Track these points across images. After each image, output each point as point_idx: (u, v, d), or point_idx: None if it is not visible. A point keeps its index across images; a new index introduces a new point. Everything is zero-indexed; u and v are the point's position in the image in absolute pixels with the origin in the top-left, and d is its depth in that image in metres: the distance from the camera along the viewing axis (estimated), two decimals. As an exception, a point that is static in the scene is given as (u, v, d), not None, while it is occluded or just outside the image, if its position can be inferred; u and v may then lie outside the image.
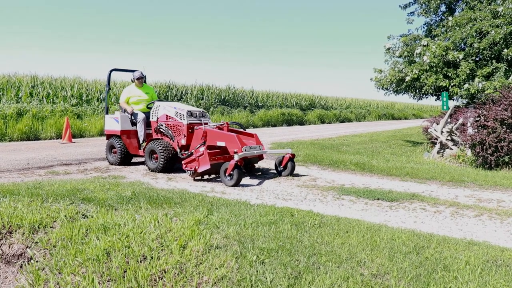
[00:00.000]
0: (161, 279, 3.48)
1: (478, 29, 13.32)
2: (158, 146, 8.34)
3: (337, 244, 4.00)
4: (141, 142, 9.13)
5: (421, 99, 15.73)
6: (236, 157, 7.24)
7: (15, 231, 4.62)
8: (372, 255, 3.75)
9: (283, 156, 8.43)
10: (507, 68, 13.11)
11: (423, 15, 17.01)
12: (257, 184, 7.44)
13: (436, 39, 14.87)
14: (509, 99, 9.54)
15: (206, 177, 8.04)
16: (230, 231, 4.30)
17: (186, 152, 8.20)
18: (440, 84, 13.64)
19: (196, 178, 7.82)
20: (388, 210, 5.71)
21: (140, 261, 3.74)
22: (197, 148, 7.90)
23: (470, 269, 3.46)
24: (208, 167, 7.54)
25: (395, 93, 15.44)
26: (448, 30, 14.76)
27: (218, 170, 7.58)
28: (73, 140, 14.41)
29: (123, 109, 9.50)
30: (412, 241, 4.14)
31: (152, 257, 3.77)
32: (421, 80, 13.89)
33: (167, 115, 8.69)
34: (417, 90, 14.95)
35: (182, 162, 7.94)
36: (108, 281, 3.51)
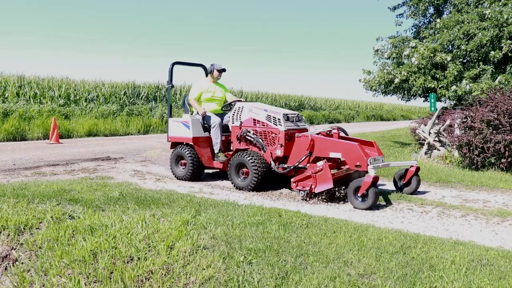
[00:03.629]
0: (148, 280, 3.46)
1: (465, 32, 13.43)
2: (249, 158, 6.85)
3: (324, 244, 4.02)
4: (216, 152, 7.65)
5: (410, 100, 15.83)
6: (371, 172, 5.79)
7: (0, 232, 4.57)
8: (359, 255, 3.77)
9: (406, 169, 6.83)
10: (494, 70, 13.23)
11: (412, 17, 17.12)
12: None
13: (424, 41, 14.96)
14: (495, 100, 9.62)
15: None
16: (218, 231, 4.30)
17: (284, 166, 6.79)
18: (428, 86, 13.73)
19: (307, 198, 6.32)
20: (376, 211, 5.73)
21: (127, 262, 3.73)
22: (303, 159, 6.54)
23: (455, 269, 3.49)
24: (330, 185, 5.98)
25: (383, 94, 15.53)
26: (436, 32, 14.87)
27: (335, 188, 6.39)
28: (60, 140, 14.30)
29: (187, 108, 8.05)
30: (399, 241, 4.17)
31: (139, 258, 3.76)
32: (409, 82, 13.97)
33: (254, 119, 7.20)
34: (406, 92, 15.03)
35: (291, 180, 6.34)
36: (94, 282, 3.49)
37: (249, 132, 7.15)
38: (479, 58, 13.54)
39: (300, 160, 6.56)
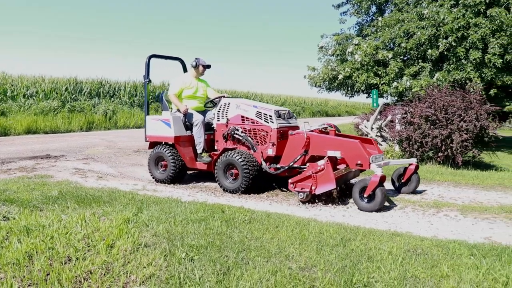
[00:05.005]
0: (87, 280, 3.36)
1: (405, 30, 13.90)
2: (238, 158, 6.34)
3: (266, 239, 4.05)
4: (199, 152, 7.16)
5: (353, 96, 16.27)
6: (378, 171, 5.51)
7: None
8: (300, 249, 3.82)
9: (405, 168, 6.62)
10: (432, 68, 13.79)
11: (355, 15, 17.56)
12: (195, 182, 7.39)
13: (367, 38, 15.39)
14: (433, 97, 10.02)
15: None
16: (160, 229, 4.25)
17: (278, 166, 6.38)
18: (371, 82, 14.13)
19: (305, 200, 5.88)
20: (318, 205, 5.84)
21: (65, 263, 3.61)
22: (298, 159, 6.17)
23: (392, 259, 3.61)
24: (332, 186, 5.58)
25: (328, 90, 15.86)
26: (378, 30, 15.32)
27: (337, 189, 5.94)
28: (-3, 138, 13.68)
29: (166, 105, 7.47)
30: (339, 234, 4.26)
31: (77, 258, 3.65)
32: (353, 78, 14.34)
33: (243, 116, 6.72)
34: (349, 88, 15.43)
35: (289, 180, 5.88)
36: (29, 285, 3.35)
37: (237, 130, 6.65)
38: (418, 56, 14.06)
39: (295, 160, 6.20)
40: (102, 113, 19.19)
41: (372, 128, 12.31)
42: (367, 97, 16.42)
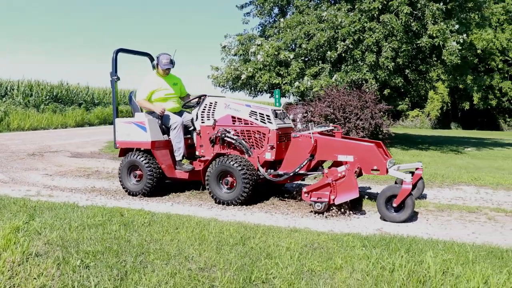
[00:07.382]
0: (-34, 297, 3.10)
1: (306, 32, 14.35)
2: (236, 165, 5.65)
3: (166, 241, 4.00)
4: (179, 158, 6.34)
5: (256, 96, 16.52)
6: (407, 179, 5.03)
7: None
8: (200, 249, 3.82)
9: (412, 172, 6.01)
10: (331, 69, 14.37)
11: (258, 16, 17.80)
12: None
13: (269, 39, 15.66)
14: (331, 96, 10.48)
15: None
16: (53, 236, 4.04)
17: (280, 173, 5.80)
18: (273, 82, 14.41)
19: (323, 211, 5.32)
20: (221, 205, 5.86)
21: None
22: (305, 164, 5.66)
23: (290, 255, 3.71)
24: (355, 195, 5.08)
25: (231, 90, 15.95)
26: (280, 31, 15.66)
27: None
28: None
29: (136, 106, 6.71)
30: (239, 232, 4.31)
31: (-46, 275, 3.34)
32: (255, 78, 14.53)
33: (234, 117, 6.04)
34: (252, 88, 15.64)
35: (303, 189, 5.34)
36: None
37: (229, 132, 5.95)
38: (319, 57, 14.58)
39: (301, 166, 5.66)
40: (-8, 114, 17.78)
41: (275, 127, 12.59)
42: (270, 97, 16.73)
